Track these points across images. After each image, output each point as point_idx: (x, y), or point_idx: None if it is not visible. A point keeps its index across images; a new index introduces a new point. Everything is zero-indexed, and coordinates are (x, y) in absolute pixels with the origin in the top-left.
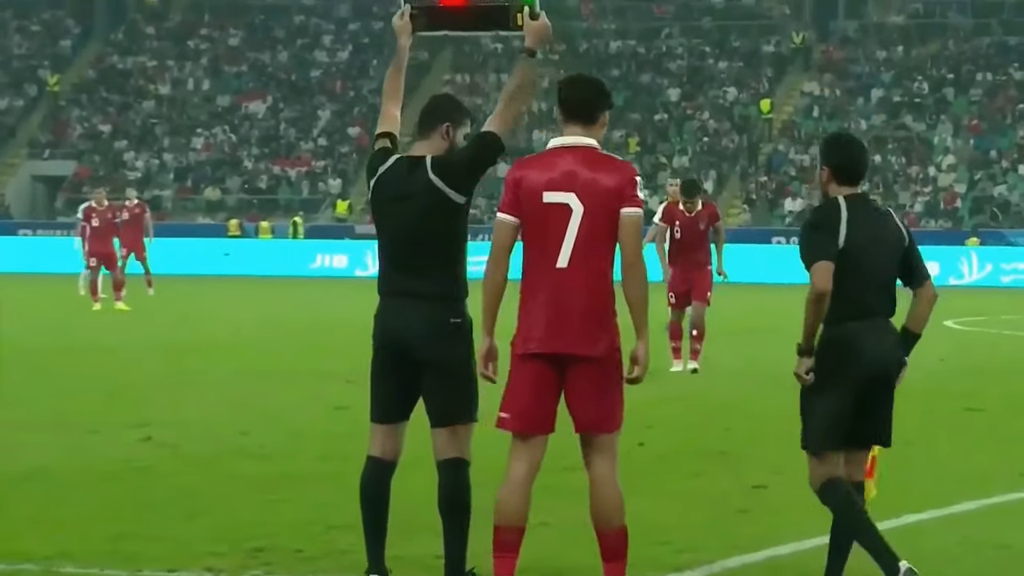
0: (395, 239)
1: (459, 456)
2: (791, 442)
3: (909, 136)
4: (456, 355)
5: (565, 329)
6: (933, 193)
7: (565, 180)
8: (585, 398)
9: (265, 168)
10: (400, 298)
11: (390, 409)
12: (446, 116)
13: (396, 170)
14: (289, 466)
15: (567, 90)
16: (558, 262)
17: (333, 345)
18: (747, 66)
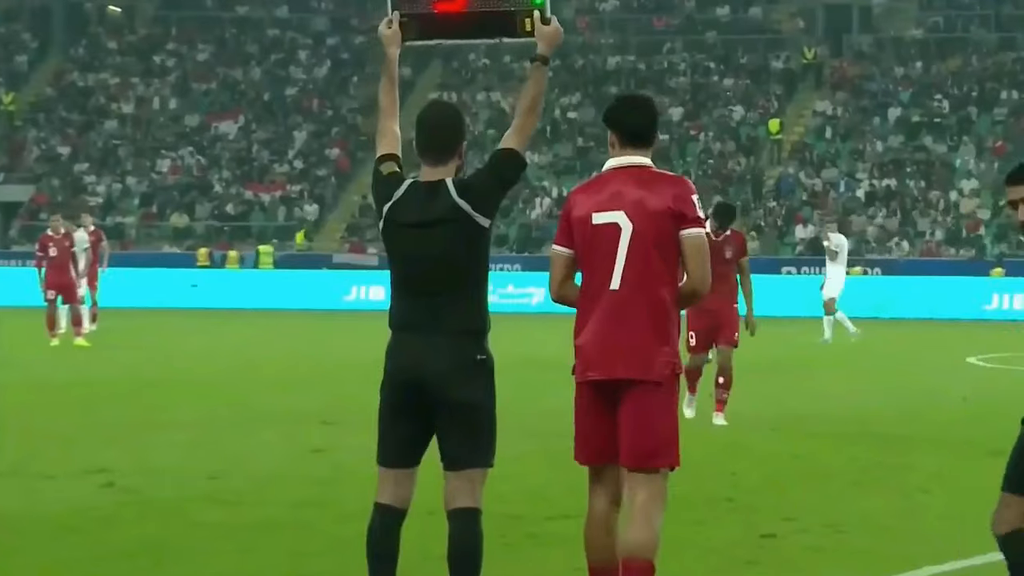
0: (416, 269)
1: (473, 506)
2: (803, 487)
3: (929, 159)
4: (479, 395)
5: (619, 353)
6: (955, 220)
7: (613, 200)
8: (637, 425)
9: (236, 193)
10: (419, 333)
11: (402, 452)
12: (461, 136)
13: (413, 195)
14: (261, 514)
15: (626, 116)
16: (611, 284)
17: (310, 383)
18: (754, 83)
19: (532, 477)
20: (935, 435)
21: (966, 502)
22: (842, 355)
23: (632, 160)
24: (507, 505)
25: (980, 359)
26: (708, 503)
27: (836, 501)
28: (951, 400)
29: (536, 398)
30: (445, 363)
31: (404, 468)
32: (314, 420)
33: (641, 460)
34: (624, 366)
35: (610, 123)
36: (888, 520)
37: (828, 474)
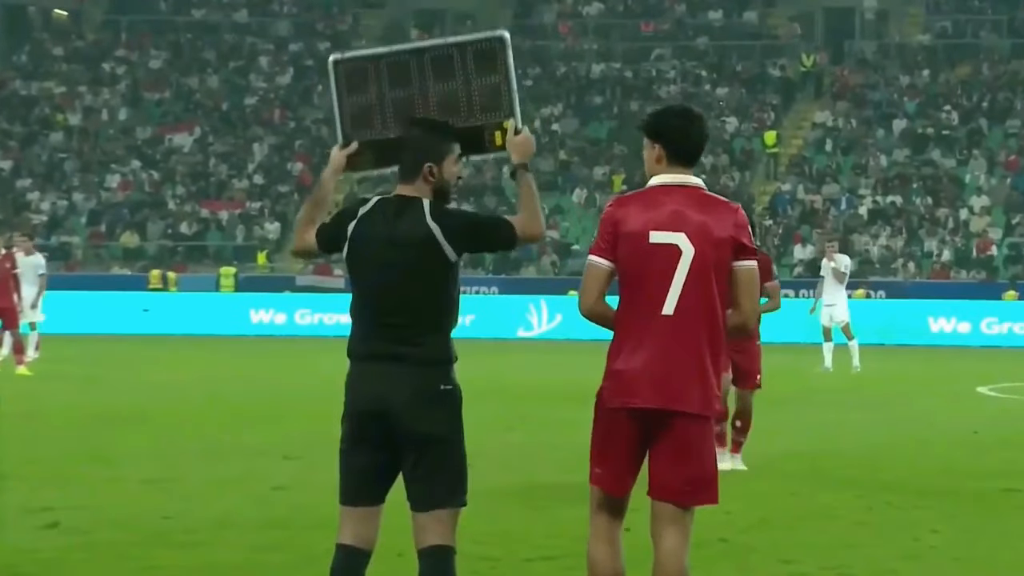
0: (378, 293)
1: (445, 544)
2: (802, 527)
3: (936, 174)
4: (443, 427)
5: (670, 382)
6: (964, 239)
7: (674, 220)
8: (683, 459)
9: (192, 210)
10: (381, 362)
11: (364, 489)
12: (422, 156)
13: (381, 212)
14: (218, 556)
15: (678, 129)
16: (664, 308)
17: (271, 415)
18: (749, 93)
19: (508, 516)
20: (945, 471)
21: (979, 544)
22: (844, 385)
23: (686, 180)
24: (481, 546)
25: (991, 389)
26: (699, 545)
27: (838, 543)
28: (961, 433)
29: (507, 430)
30: (406, 393)
31: (367, 506)
32: (275, 455)
33: (685, 496)
34: (675, 397)
35: (660, 136)
36: (895, 563)
37: (830, 514)
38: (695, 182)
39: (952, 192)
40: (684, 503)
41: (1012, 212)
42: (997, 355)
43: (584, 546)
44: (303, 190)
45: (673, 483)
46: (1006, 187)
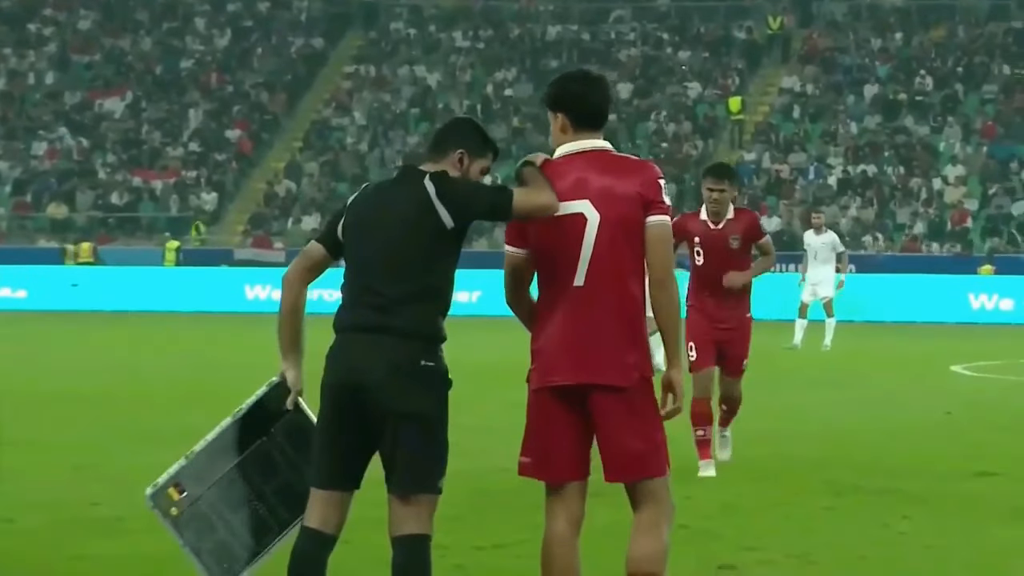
0: (366, 257)
1: (421, 532)
2: (767, 513)
3: (910, 142)
4: (426, 406)
5: (589, 355)
6: (938, 211)
7: (576, 187)
8: (619, 437)
9: (123, 180)
10: (360, 333)
11: (338, 472)
12: (462, 141)
13: (381, 186)
14: (150, 545)
15: (580, 95)
16: (575, 280)
17: (206, 396)
18: (713, 57)
19: (458, 502)
20: (916, 454)
21: (951, 530)
22: (813, 364)
23: (592, 144)
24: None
25: (966, 367)
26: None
27: (805, 529)
28: (934, 414)
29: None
30: (383, 366)
31: (338, 491)
32: None
33: (627, 473)
34: (592, 370)
35: (560, 104)
36: (864, 550)
37: (795, 499)
38: (600, 145)
39: (926, 161)
40: (630, 479)
41: (988, 182)
42: (972, 332)
43: (538, 533)
44: (241, 158)
45: (613, 461)
46: (982, 156)
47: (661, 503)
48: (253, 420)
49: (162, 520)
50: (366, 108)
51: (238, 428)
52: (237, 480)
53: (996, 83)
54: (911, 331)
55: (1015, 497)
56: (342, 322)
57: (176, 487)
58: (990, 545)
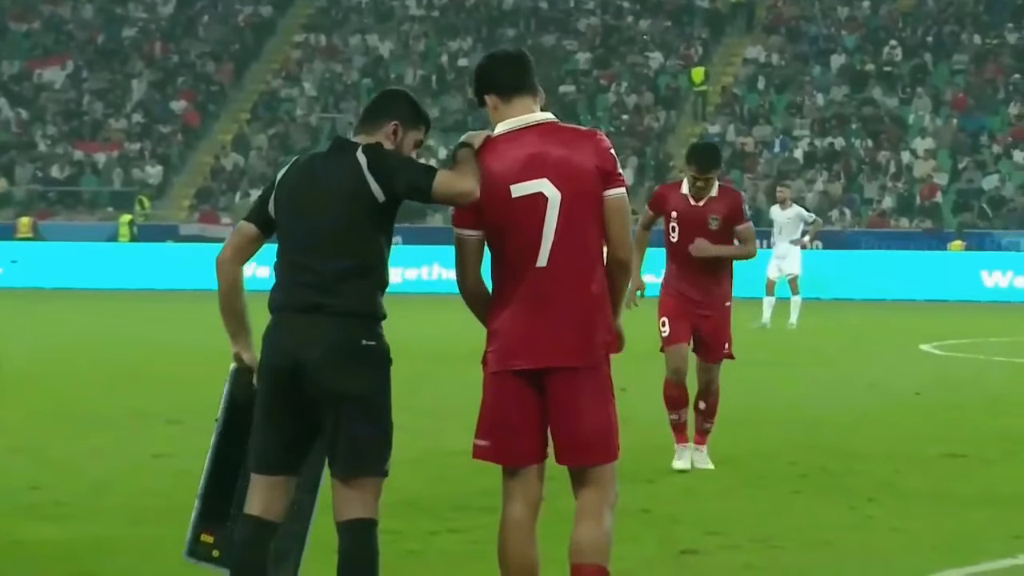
0: (298, 234)
1: (367, 516)
2: (730, 497)
3: (878, 114)
4: (367, 386)
5: (554, 338)
6: (907, 185)
7: (533, 166)
8: (575, 419)
9: (64, 152)
10: (296, 313)
11: (278, 457)
12: (396, 113)
13: (312, 158)
14: (93, 529)
15: (498, 66)
16: (537, 260)
17: (151, 376)
18: (675, 25)
19: (412, 486)
20: (884, 436)
21: (919, 513)
22: (778, 343)
23: (533, 117)
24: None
25: (935, 346)
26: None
27: (770, 513)
28: (902, 395)
29: (411, 394)
30: (322, 347)
31: (279, 475)
32: (157, 419)
33: (581, 457)
34: (557, 353)
35: (484, 83)
36: (830, 534)
37: (760, 482)
38: (545, 117)
39: (894, 134)
40: (581, 464)
41: (959, 155)
42: (942, 310)
43: (494, 518)
44: (187, 131)
45: (567, 444)
46: (952, 128)
47: (606, 488)
48: (235, 419)
49: (210, 567)
50: (316, 78)
51: (226, 437)
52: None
53: (967, 53)
54: (879, 309)
55: (984, 479)
56: (277, 302)
57: (205, 532)
58: (959, 527)
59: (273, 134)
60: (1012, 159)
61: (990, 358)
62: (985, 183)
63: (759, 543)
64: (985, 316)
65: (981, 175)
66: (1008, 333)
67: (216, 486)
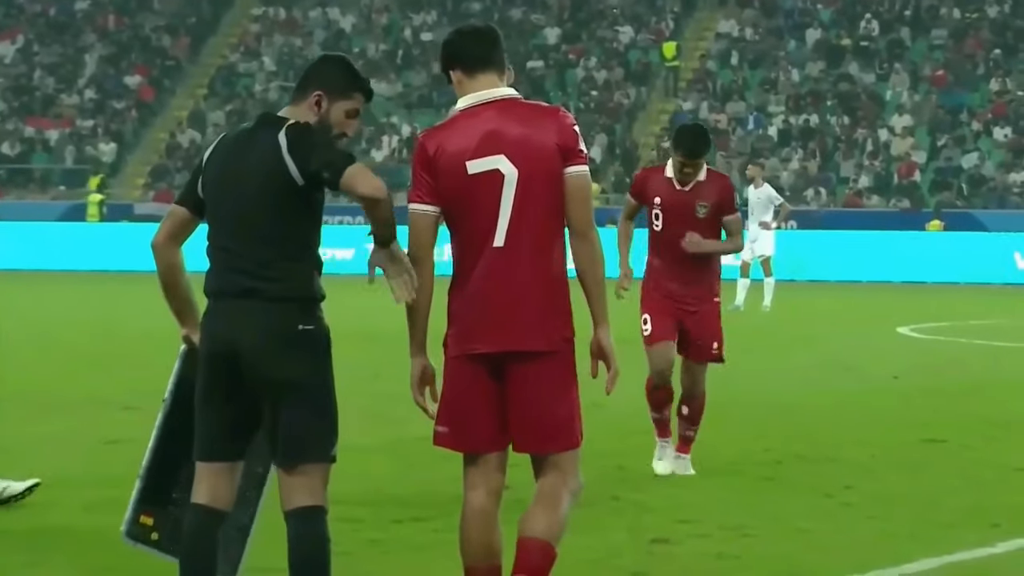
0: (227, 218)
1: (315, 504)
2: (702, 484)
3: (854, 90)
4: (307, 372)
5: (511, 321)
6: (884, 163)
7: (490, 142)
8: (534, 405)
9: (15, 128)
10: (231, 299)
11: (221, 443)
12: (320, 81)
13: (237, 136)
14: (44, 518)
15: (465, 40)
16: (494, 241)
17: (106, 360)
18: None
19: (374, 473)
20: (861, 421)
21: (897, 500)
22: (752, 326)
23: (495, 93)
24: (345, 507)
25: (913, 329)
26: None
27: (742, 500)
28: (880, 379)
29: (374, 379)
30: (258, 333)
31: (223, 462)
32: (113, 405)
33: (538, 444)
34: (516, 336)
35: (447, 61)
36: (804, 522)
37: (733, 469)
38: (507, 93)
39: (871, 111)
40: (541, 452)
41: (938, 133)
42: (920, 292)
43: (459, 506)
44: (142, 107)
45: (526, 432)
46: (931, 105)
47: (566, 474)
48: (182, 401)
49: (149, 550)
50: (275, 53)
51: (173, 417)
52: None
53: (945, 28)
54: (856, 291)
55: (964, 465)
56: (212, 287)
57: (145, 513)
58: (938, 515)
59: (231, 110)
60: (992, 137)
61: (971, 342)
62: (964, 161)
63: (731, 531)
64: (966, 299)
65: (960, 153)
66: (991, 316)
67: (159, 467)
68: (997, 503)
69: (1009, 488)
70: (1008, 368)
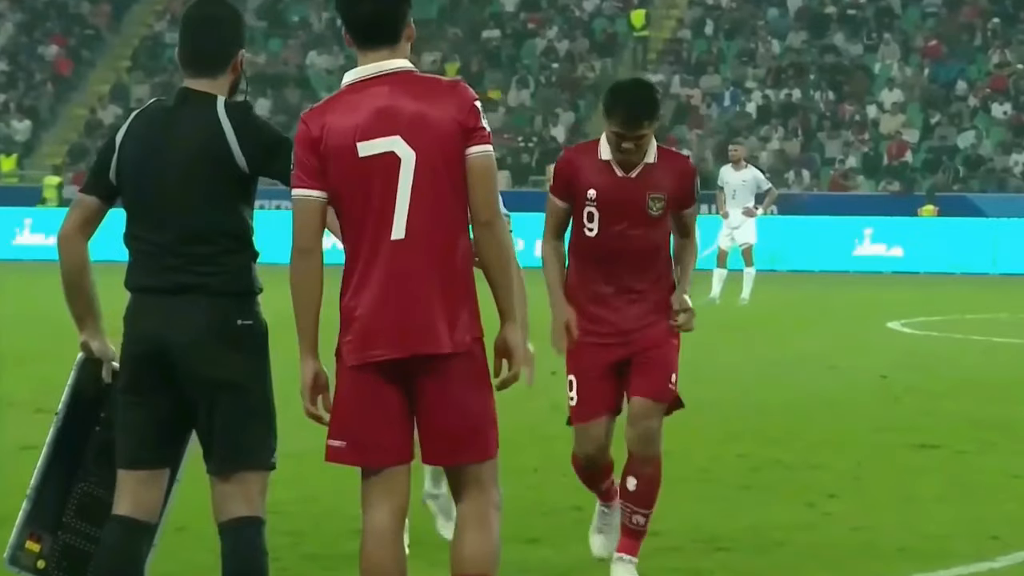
0: (156, 209)
1: (251, 514)
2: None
3: (839, 62)
4: (244, 371)
5: (414, 321)
6: (873, 142)
7: (383, 121)
8: (443, 413)
9: None
10: (159, 295)
11: (147, 450)
12: (238, 41)
13: (155, 115)
14: None
15: (349, 4)
16: (392, 233)
17: (15, 358)
18: None
19: (316, 482)
20: (846, 424)
21: (884, 510)
22: (729, 320)
23: (389, 65)
24: (283, 519)
25: (904, 324)
26: (550, 515)
27: (716, 510)
28: (866, 378)
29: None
30: (191, 329)
31: (149, 469)
32: (25, 408)
33: (450, 455)
34: (422, 340)
35: (342, 22)
36: (783, 533)
37: (706, 476)
38: (400, 65)
39: (858, 85)
40: (454, 461)
41: (931, 109)
42: (911, 283)
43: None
44: (59, 80)
45: (436, 441)
46: (923, 79)
47: (487, 491)
48: (78, 415)
49: None
50: None
51: (66, 433)
52: (89, 488)
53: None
54: (841, 282)
55: (957, 472)
56: (137, 281)
57: (31, 537)
58: (928, 526)
59: (157, 83)
60: (990, 113)
61: (968, 337)
62: (960, 140)
63: (703, 544)
64: (960, 291)
65: (956, 131)
66: (989, 309)
67: (50, 487)
68: (995, 513)
69: (1007, 496)
70: (1006, 366)
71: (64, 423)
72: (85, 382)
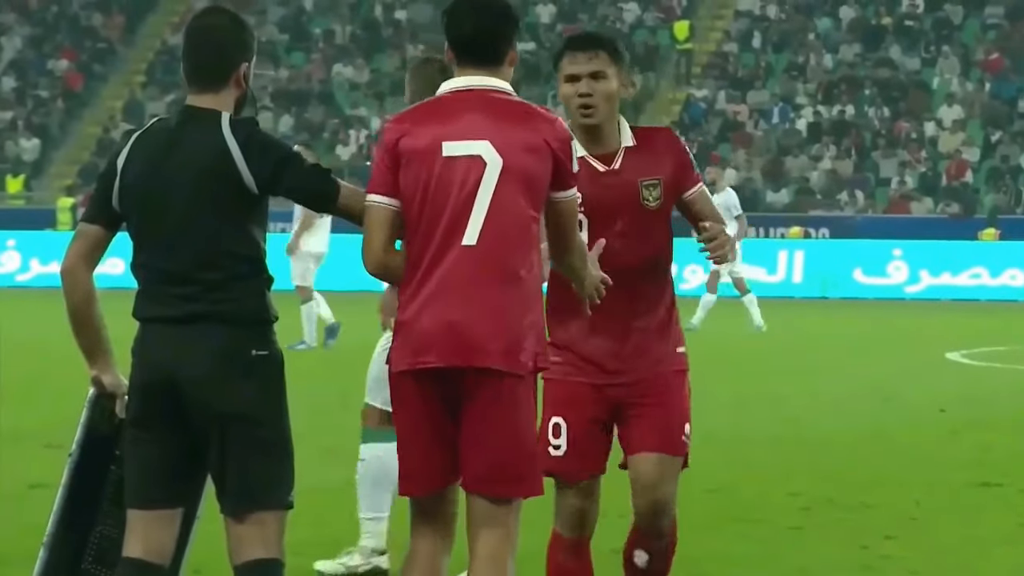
0: (165, 235)
1: (269, 556)
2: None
3: (895, 77)
4: (260, 403)
5: (475, 331)
6: (931, 162)
7: (474, 125)
8: (490, 434)
9: None
10: (169, 324)
11: (157, 488)
12: (239, 50)
13: (158, 136)
14: None
15: (458, 20)
16: (464, 237)
17: (24, 390)
18: None
19: (335, 518)
20: (903, 461)
21: (943, 552)
22: (774, 349)
23: (485, 82)
24: (301, 558)
25: (964, 355)
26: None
27: (765, 553)
28: (926, 412)
29: (343, 409)
30: (203, 360)
31: (161, 509)
32: (34, 441)
33: (494, 485)
34: (482, 351)
35: (445, 33)
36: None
37: (753, 516)
38: (498, 85)
39: (916, 101)
40: (494, 494)
41: (991, 127)
42: (972, 311)
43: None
44: (70, 96)
45: (478, 468)
46: (984, 95)
47: (510, 530)
48: (92, 454)
49: None
50: None
51: (81, 474)
52: (108, 532)
53: (1001, 5)
54: (897, 309)
55: (1021, 512)
56: (145, 311)
57: None
58: (990, 569)
59: (172, 100)
60: None
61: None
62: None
63: None
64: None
65: (1018, 150)
66: None
67: (66, 533)
68: None
69: None
70: None
71: (78, 463)
72: (98, 419)
